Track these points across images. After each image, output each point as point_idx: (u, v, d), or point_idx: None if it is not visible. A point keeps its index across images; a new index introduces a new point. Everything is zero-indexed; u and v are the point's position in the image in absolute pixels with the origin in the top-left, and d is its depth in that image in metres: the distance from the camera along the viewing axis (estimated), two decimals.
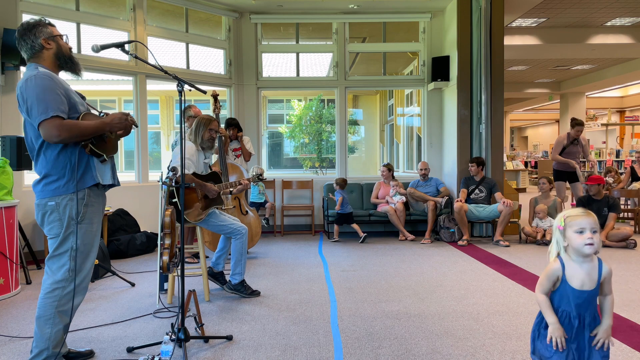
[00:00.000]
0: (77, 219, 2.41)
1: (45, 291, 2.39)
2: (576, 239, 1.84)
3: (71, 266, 2.40)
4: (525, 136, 28.80)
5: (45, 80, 2.31)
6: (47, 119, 2.27)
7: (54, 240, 2.41)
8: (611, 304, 1.91)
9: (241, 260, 3.81)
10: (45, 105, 2.27)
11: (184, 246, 2.85)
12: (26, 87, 2.30)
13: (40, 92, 2.28)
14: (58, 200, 2.38)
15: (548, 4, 8.04)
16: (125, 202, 5.98)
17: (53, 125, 2.27)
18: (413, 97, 9.10)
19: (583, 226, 1.84)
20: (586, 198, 6.14)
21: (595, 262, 1.88)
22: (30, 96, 2.28)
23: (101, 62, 5.85)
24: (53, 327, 2.38)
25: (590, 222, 1.84)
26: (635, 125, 15.58)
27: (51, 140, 2.30)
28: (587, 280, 1.86)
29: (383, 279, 4.40)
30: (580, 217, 1.85)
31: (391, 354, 2.70)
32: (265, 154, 7.97)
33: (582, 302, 1.87)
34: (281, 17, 7.36)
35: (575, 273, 1.87)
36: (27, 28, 2.41)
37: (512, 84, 15.70)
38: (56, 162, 2.38)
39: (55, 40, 2.45)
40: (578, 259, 1.87)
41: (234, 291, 3.84)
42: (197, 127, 3.80)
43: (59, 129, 2.27)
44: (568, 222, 1.87)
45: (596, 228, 1.84)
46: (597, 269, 1.87)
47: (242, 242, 3.77)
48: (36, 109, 2.27)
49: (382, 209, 6.61)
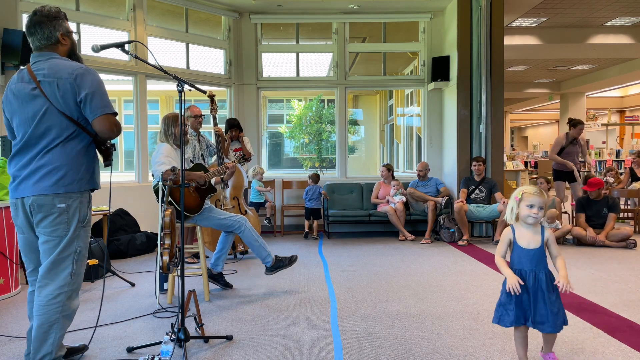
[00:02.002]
0: (84, 222, 2.40)
1: (48, 298, 2.29)
2: (525, 211, 2.36)
3: (73, 269, 2.36)
4: (525, 136, 28.80)
5: (100, 77, 2.38)
6: (111, 114, 2.31)
7: (54, 243, 2.31)
8: (564, 261, 2.39)
9: (260, 245, 3.84)
10: (108, 100, 2.33)
11: (184, 246, 2.84)
12: (89, 76, 2.30)
13: (102, 86, 2.34)
14: (69, 203, 2.32)
15: (548, 4, 8.04)
16: (125, 202, 5.98)
17: (113, 121, 2.33)
18: (413, 97, 9.09)
19: (533, 203, 2.34)
20: (585, 199, 6.14)
21: (539, 228, 2.40)
22: (93, 86, 2.29)
23: (101, 62, 5.85)
24: (58, 332, 2.32)
25: (539, 201, 2.34)
26: (635, 125, 15.58)
27: (106, 134, 2.33)
28: (532, 240, 2.37)
29: (383, 279, 4.40)
30: (533, 196, 2.35)
31: (391, 354, 2.70)
32: (265, 154, 7.97)
33: (531, 258, 2.36)
34: (281, 17, 7.36)
35: (522, 235, 2.39)
36: (48, 17, 2.33)
37: (512, 84, 15.70)
38: (76, 158, 2.34)
39: (70, 37, 2.43)
40: (525, 225, 2.39)
41: (276, 270, 3.90)
42: (165, 127, 3.78)
43: (117, 126, 2.34)
44: (524, 197, 2.37)
45: (542, 206, 2.34)
46: (540, 233, 2.38)
47: (249, 230, 3.79)
48: (100, 100, 2.29)
49: (382, 209, 6.61)
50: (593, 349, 2.74)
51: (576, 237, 6.00)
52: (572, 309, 3.45)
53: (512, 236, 2.41)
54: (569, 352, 2.69)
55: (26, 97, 2.30)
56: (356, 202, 7.10)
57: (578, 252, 5.56)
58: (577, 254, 5.39)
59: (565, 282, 2.29)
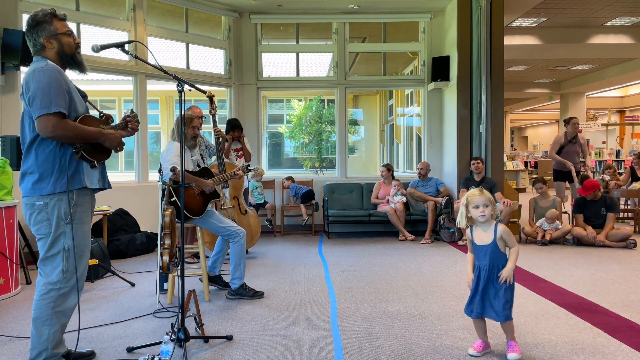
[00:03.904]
0: (67, 219, 2.37)
1: (40, 293, 2.37)
2: (473, 212, 2.61)
3: (64, 267, 2.38)
4: (525, 136, 28.80)
5: (54, 74, 2.31)
6: (48, 114, 2.25)
7: (43, 241, 2.38)
8: (514, 252, 2.61)
9: (240, 264, 3.80)
10: (49, 100, 2.25)
11: (184, 246, 2.85)
12: (33, 77, 2.29)
13: (47, 85, 2.27)
14: (47, 200, 2.34)
15: (548, 4, 8.04)
16: (125, 202, 5.97)
17: (51, 121, 2.25)
18: (413, 97, 9.09)
19: (477, 203, 2.59)
20: (582, 200, 6.14)
21: (492, 226, 2.63)
22: (35, 87, 2.26)
23: (101, 62, 5.85)
24: (51, 328, 2.36)
25: (482, 200, 2.58)
26: (635, 125, 15.58)
27: (44, 135, 2.28)
28: (485, 237, 2.63)
29: (383, 279, 4.40)
30: (476, 197, 2.60)
31: (391, 354, 2.70)
32: (265, 154, 7.97)
33: (484, 253, 2.61)
34: (281, 17, 7.36)
35: (477, 234, 2.66)
36: (32, 24, 2.38)
37: (512, 84, 15.69)
38: (46, 161, 2.34)
39: (57, 38, 2.41)
40: (480, 225, 2.65)
41: (236, 296, 3.81)
42: (178, 126, 3.80)
43: (55, 126, 2.25)
44: (468, 200, 2.62)
45: (488, 203, 2.58)
46: (492, 230, 2.61)
47: (240, 245, 3.77)
48: (39, 101, 2.25)
49: (382, 209, 6.61)
50: (593, 349, 2.74)
51: (576, 237, 5.99)
52: (572, 309, 3.45)
53: (471, 236, 2.69)
54: (569, 352, 2.69)
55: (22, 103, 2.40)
56: (356, 202, 7.10)
57: (578, 252, 5.56)
58: (577, 254, 5.39)
59: (505, 275, 2.55)
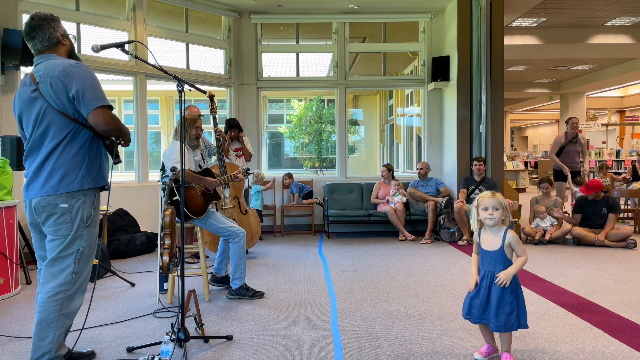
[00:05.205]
0: (87, 222, 2.40)
1: (48, 295, 2.34)
2: (482, 214, 2.54)
3: (75, 269, 2.38)
4: (525, 136, 28.79)
5: (89, 69, 2.37)
6: (103, 107, 2.30)
7: (58, 242, 2.36)
8: (520, 260, 2.50)
9: (240, 265, 3.80)
10: (100, 93, 2.32)
11: (184, 246, 2.85)
12: (78, 71, 2.30)
13: (92, 79, 2.33)
14: (71, 203, 2.35)
15: (548, 4, 8.04)
16: (125, 202, 5.98)
17: (107, 113, 2.31)
18: (413, 97, 9.09)
19: (486, 205, 2.52)
20: (583, 199, 6.14)
21: (502, 231, 2.53)
22: (84, 81, 2.29)
23: (101, 62, 5.85)
24: (56, 330, 2.35)
25: (491, 202, 2.50)
26: (635, 125, 15.57)
27: (100, 127, 2.31)
28: (493, 243, 2.53)
29: (383, 279, 4.40)
30: (486, 199, 2.53)
31: (391, 354, 2.70)
32: (265, 154, 7.96)
33: (490, 259, 2.53)
34: (281, 17, 7.36)
35: (485, 238, 2.58)
36: (46, 19, 2.39)
37: (512, 84, 15.69)
38: (76, 157, 2.36)
39: (68, 38, 2.48)
40: (488, 228, 2.56)
41: (236, 296, 3.82)
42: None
43: (112, 118, 2.32)
44: (479, 202, 2.55)
45: (498, 206, 2.49)
46: (501, 236, 2.51)
47: (240, 246, 3.78)
48: (92, 94, 2.29)
49: (382, 209, 6.61)
50: (593, 349, 2.74)
51: (576, 237, 5.99)
52: (572, 309, 3.45)
53: (478, 239, 2.61)
54: (569, 352, 2.69)
55: (28, 99, 2.35)
56: (356, 202, 7.10)
57: (578, 252, 5.56)
58: (577, 254, 5.39)
59: (502, 277, 2.46)
